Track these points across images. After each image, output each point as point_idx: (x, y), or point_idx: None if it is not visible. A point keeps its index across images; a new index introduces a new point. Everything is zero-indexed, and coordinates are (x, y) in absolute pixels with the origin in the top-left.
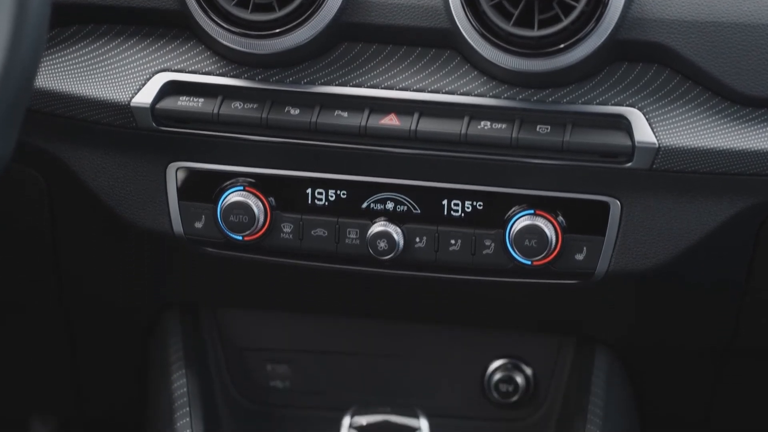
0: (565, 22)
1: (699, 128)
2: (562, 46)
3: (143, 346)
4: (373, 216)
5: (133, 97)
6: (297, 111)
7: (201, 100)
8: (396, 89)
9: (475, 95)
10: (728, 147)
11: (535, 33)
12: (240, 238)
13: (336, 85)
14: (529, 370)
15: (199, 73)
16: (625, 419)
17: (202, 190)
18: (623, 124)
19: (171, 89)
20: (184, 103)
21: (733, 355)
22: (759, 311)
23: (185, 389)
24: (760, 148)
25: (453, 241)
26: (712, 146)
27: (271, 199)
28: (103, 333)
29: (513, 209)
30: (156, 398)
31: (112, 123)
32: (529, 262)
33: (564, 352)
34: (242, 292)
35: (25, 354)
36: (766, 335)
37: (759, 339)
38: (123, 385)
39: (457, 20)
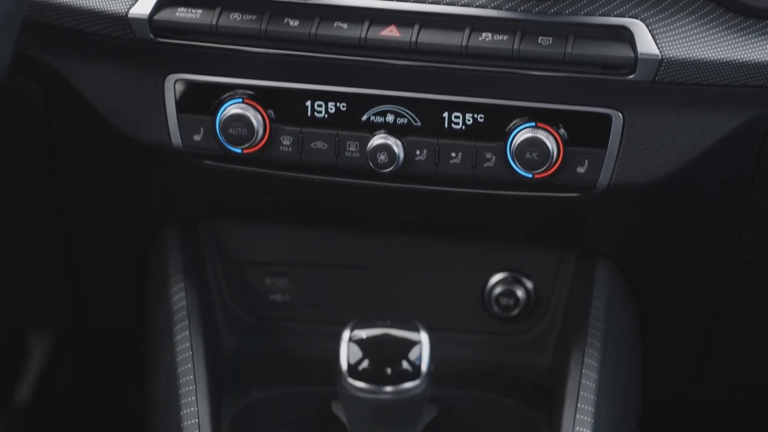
0: None
1: (702, 40)
2: None
3: (142, 259)
4: (373, 129)
5: (130, 8)
6: (296, 22)
7: (199, 11)
8: (396, 0)
9: (477, 6)
10: (731, 59)
11: None
12: (239, 150)
13: None
14: (529, 284)
15: None
16: (626, 333)
17: (200, 102)
18: (626, 36)
19: (169, 0)
20: (182, 14)
21: (734, 270)
22: (760, 224)
23: (184, 303)
24: (763, 59)
25: (453, 154)
26: (715, 58)
27: (270, 111)
28: (102, 246)
29: (514, 122)
30: (155, 312)
31: (110, 34)
32: (530, 175)
33: (565, 266)
34: (241, 206)
35: (24, 266)
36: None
37: (760, 253)
38: (122, 298)
39: None
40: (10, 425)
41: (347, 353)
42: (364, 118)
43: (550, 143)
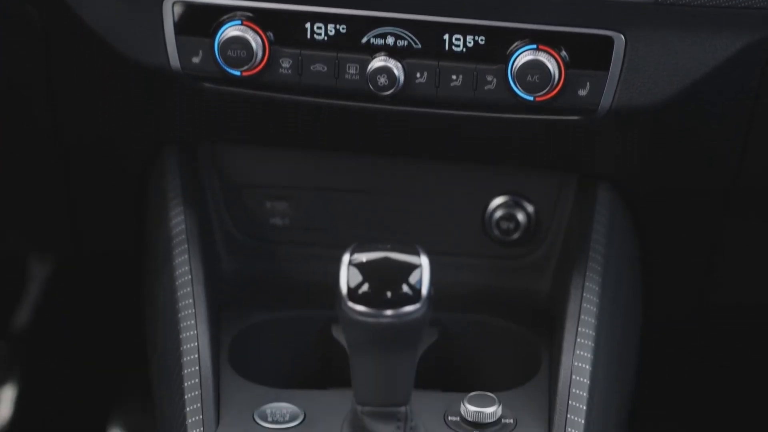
0: None
1: None
2: None
3: (140, 183)
4: (373, 51)
5: None
6: None
7: None
8: None
9: None
10: None
11: None
12: (238, 73)
13: None
14: (530, 208)
15: None
16: (627, 257)
17: (199, 24)
18: None
19: None
20: None
21: (736, 194)
22: (762, 148)
23: (183, 226)
24: None
25: (454, 77)
26: None
27: (270, 33)
28: (100, 170)
29: (515, 44)
30: (154, 235)
31: None
32: (531, 98)
33: (566, 190)
34: (241, 129)
35: (22, 192)
36: None
37: (762, 178)
38: (120, 222)
39: None
40: (10, 351)
41: (347, 277)
42: (364, 40)
43: (551, 66)
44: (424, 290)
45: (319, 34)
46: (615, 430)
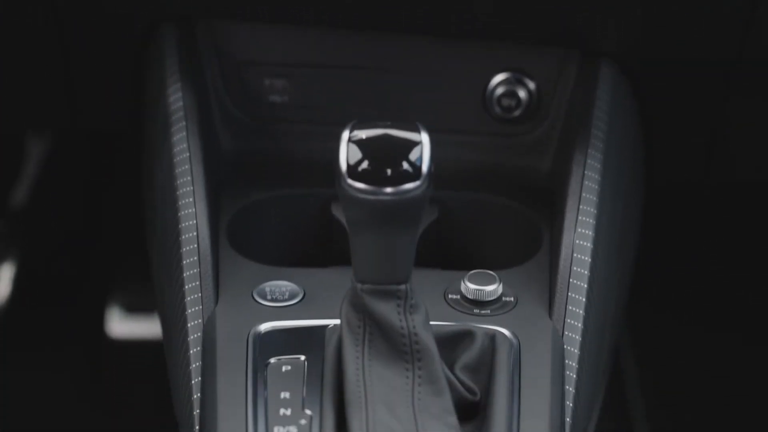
0: None
1: None
2: None
3: (138, 59)
4: None
5: None
6: None
7: None
8: None
9: None
10: None
11: None
12: None
13: None
14: (532, 84)
15: None
16: (630, 134)
17: None
18: None
19: None
20: None
21: (741, 69)
22: None
23: (181, 103)
24: None
25: None
26: None
27: None
28: (98, 44)
29: None
30: (152, 113)
31: None
32: None
33: (568, 66)
34: (238, 2)
35: (19, 68)
36: None
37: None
38: (118, 98)
39: None
40: (9, 229)
41: (346, 154)
42: None
43: None
44: (425, 167)
45: None
46: (615, 308)
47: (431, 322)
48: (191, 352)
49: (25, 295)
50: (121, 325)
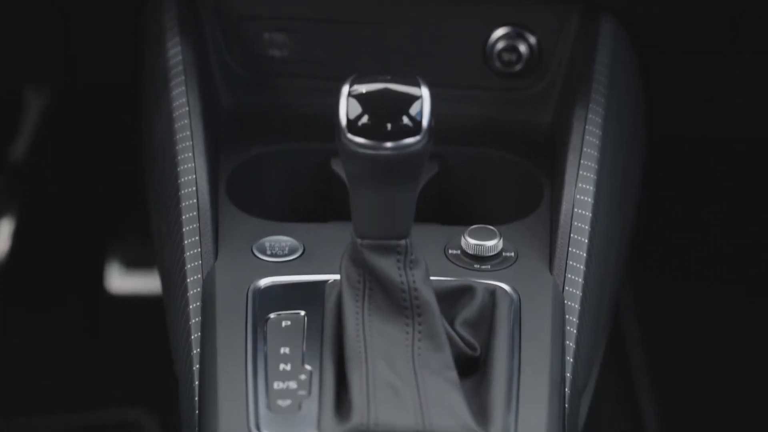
0: None
1: None
2: None
3: (138, 14)
4: None
5: None
6: None
7: None
8: None
9: None
10: None
11: None
12: None
13: None
14: (533, 39)
15: None
16: (630, 89)
17: None
18: None
19: None
20: None
21: (744, 25)
22: None
23: (180, 58)
24: None
25: None
26: None
27: None
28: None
29: None
30: (150, 68)
31: None
32: None
33: (569, 20)
34: None
35: (17, 23)
36: None
37: None
38: (117, 53)
39: None
40: (7, 185)
41: (346, 108)
42: None
43: None
44: (425, 122)
45: None
46: (616, 263)
47: (431, 278)
48: (191, 307)
49: (24, 251)
50: (121, 281)
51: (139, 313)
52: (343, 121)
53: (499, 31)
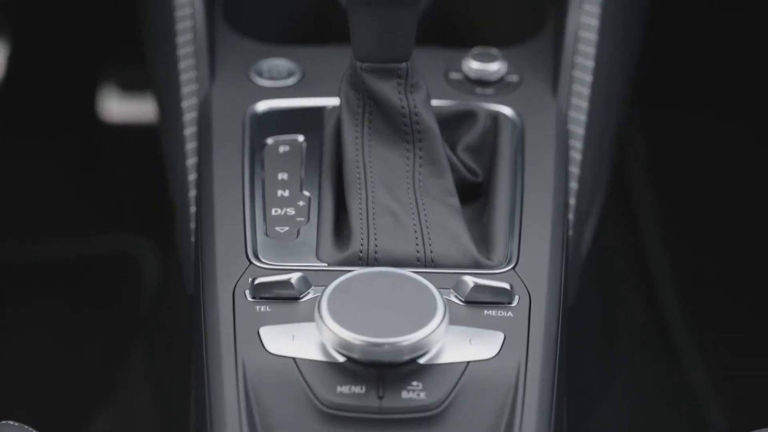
0: None
1: None
2: None
3: None
4: None
5: None
6: None
7: None
8: None
9: None
10: None
11: None
12: None
13: None
14: None
15: None
16: None
17: None
18: None
19: None
20: None
21: None
22: None
23: None
24: None
25: None
26: None
27: None
28: None
29: None
30: None
31: None
32: None
33: None
34: None
35: None
36: None
37: None
38: None
39: None
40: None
41: None
42: None
43: None
44: None
45: None
46: (622, 88)
47: (432, 102)
48: (186, 132)
49: (18, 79)
50: (115, 109)
51: (133, 142)
52: None
53: None
